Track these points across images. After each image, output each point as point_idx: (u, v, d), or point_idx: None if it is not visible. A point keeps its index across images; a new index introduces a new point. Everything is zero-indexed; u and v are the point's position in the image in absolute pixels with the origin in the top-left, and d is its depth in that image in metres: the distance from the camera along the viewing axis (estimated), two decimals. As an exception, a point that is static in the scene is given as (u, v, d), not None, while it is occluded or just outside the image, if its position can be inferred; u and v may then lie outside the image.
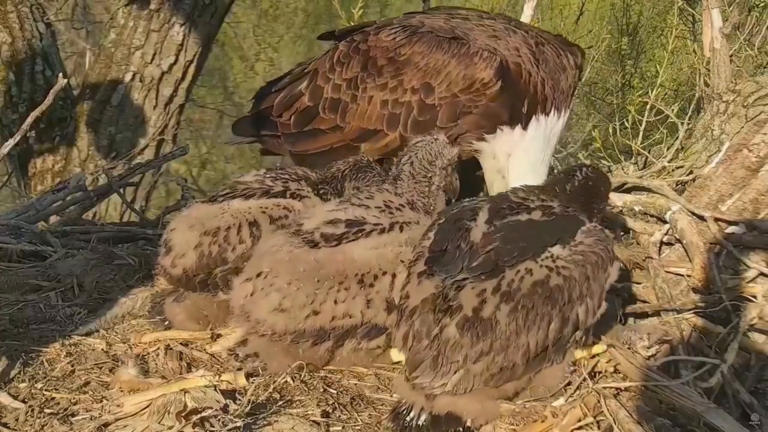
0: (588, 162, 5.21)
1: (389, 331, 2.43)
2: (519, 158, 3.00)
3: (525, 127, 2.98)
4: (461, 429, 2.26)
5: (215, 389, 2.23)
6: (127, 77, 6.46)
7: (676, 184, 3.45)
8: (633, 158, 4.30)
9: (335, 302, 2.39)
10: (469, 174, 3.09)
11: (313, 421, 2.23)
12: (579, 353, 2.45)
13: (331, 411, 2.31)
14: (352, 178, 2.82)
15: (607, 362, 2.52)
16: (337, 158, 2.98)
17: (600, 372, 2.50)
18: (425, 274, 2.32)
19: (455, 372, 2.20)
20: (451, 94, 2.95)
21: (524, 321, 2.22)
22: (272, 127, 3.32)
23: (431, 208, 2.69)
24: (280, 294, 2.39)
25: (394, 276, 2.42)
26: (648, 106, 4.49)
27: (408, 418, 2.25)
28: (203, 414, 2.09)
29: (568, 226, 2.43)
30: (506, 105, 2.95)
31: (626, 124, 4.75)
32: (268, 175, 2.81)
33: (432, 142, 2.76)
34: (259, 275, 2.43)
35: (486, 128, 2.98)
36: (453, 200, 2.79)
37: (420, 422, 2.24)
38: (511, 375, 2.26)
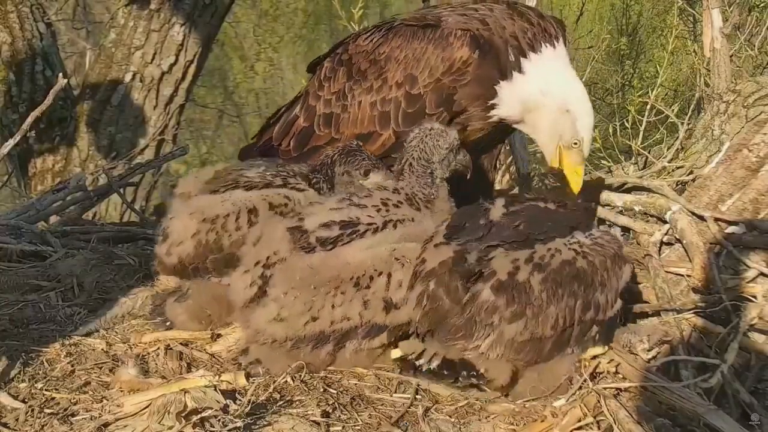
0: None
1: (390, 328, 2.43)
2: (553, 80, 2.93)
3: (521, 71, 2.95)
4: (475, 373, 2.31)
5: (215, 389, 2.22)
6: (127, 77, 6.46)
7: (676, 184, 3.45)
8: (633, 158, 4.30)
9: (332, 307, 2.40)
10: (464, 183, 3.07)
11: (313, 421, 2.23)
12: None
13: (331, 411, 2.30)
14: (342, 162, 2.80)
15: (607, 363, 2.52)
16: None
17: (600, 372, 2.50)
18: (442, 243, 2.38)
19: (488, 335, 2.26)
20: (434, 79, 2.96)
21: (554, 293, 2.29)
22: (275, 155, 3.33)
23: (432, 197, 2.66)
24: (278, 304, 2.40)
25: (389, 275, 2.42)
26: (648, 106, 4.49)
27: (419, 363, 2.33)
28: (203, 414, 2.08)
29: (582, 221, 2.52)
30: (492, 65, 2.93)
31: (626, 124, 4.74)
32: (268, 171, 2.81)
33: (426, 136, 2.69)
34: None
35: (483, 94, 2.95)
36: (468, 176, 2.77)
37: (432, 366, 2.31)
38: (538, 350, 2.31)
